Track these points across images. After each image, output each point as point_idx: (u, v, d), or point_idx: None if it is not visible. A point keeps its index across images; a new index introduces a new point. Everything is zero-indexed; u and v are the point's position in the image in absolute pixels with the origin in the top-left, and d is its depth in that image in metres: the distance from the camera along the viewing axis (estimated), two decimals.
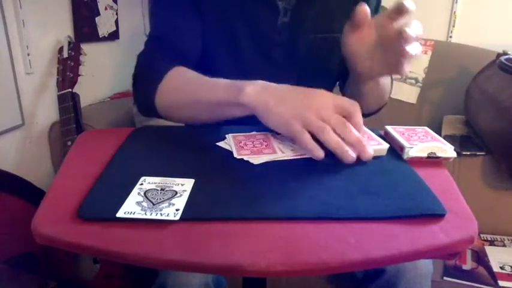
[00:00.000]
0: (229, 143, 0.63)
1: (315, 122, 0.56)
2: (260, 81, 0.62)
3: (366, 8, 0.65)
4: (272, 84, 0.62)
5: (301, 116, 0.57)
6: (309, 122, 0.57)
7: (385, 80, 0.82)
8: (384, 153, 0.61)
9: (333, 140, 0.56)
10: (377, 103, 0.87)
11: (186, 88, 0.73)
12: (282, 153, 0.60)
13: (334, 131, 0.56)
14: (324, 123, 0.56)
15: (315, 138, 0.57)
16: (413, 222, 0.46)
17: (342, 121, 0.57)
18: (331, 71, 0.91)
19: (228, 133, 0.66)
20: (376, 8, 0.89)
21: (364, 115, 0.68)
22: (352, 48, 0.69)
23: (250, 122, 0.65)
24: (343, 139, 0.56)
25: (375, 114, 0.91)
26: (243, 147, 0.61)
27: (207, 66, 0.92)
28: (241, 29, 0.83)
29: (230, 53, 0.85)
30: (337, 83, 0.96)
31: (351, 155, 0.56)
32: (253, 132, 0.66)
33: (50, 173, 1.40)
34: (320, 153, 0.57)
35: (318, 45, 0.86)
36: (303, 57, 0.86)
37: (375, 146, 0.60)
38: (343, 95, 0.89)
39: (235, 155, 0.59)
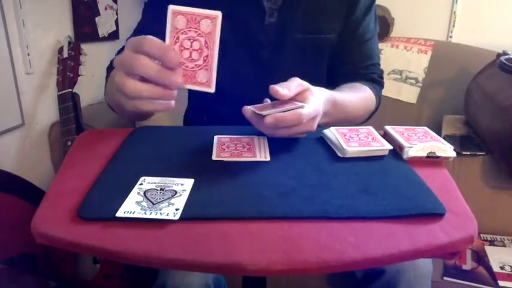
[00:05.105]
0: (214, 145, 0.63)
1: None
2: None
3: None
4: None
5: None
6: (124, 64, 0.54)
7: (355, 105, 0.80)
8: (386, 153, 0.61)
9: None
10: (358, 120, 0.86)
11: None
12: (263, 157, 0.60)
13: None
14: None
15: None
16: (413, 222, 0.46)
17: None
18: (319, 74, 0.90)
19: (226, 132, 0.66)
20: (370, 6, 0.88)
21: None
22: None
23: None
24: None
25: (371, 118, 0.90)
26: (224, 149, 0.61)
27: None
28: (227, 30, 0.83)
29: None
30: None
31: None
32: (239, 136, 0.66)
33: (50, 173, 1.40)
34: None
35: (306, 47, 0.85)
36: (290, 58, 0.85)
37: (377, 147, 0.61)
38: None
39: (214, 157, 0.59)
